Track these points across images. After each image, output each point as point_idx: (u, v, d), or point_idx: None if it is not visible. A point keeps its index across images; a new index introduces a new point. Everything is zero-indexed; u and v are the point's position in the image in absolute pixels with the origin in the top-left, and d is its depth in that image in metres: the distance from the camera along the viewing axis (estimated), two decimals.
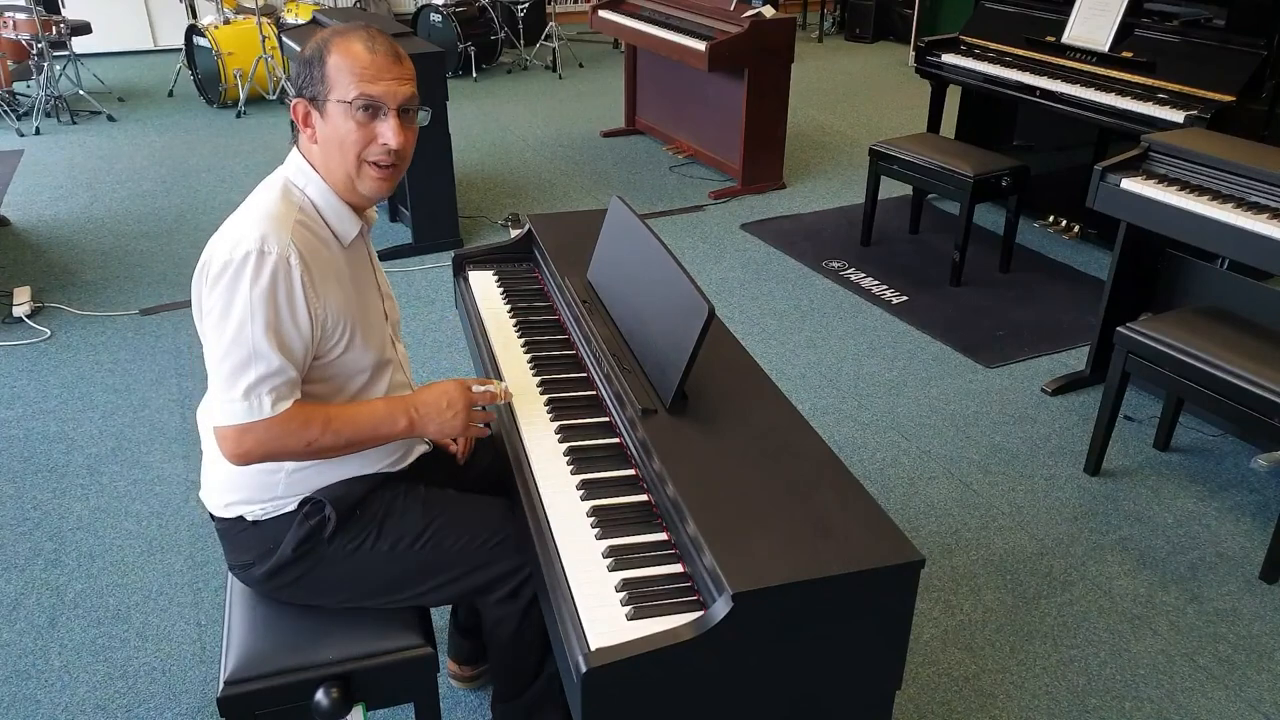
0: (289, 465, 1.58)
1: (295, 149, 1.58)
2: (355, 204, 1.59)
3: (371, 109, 1.48)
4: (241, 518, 1.61)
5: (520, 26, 7.75)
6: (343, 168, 1.52)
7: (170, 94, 6.87)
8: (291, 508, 1.60)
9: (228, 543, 1.66)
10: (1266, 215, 2.62)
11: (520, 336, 1.95)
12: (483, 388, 1.62)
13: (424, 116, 1.56)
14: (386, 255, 4.29)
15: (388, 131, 1.50)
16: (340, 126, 1.49)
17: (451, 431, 1.61)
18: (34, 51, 6.05)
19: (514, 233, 2.93)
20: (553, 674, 1.74)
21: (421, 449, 1.79)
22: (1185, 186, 2.83)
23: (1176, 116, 3.48)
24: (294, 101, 1.52)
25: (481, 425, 1.65)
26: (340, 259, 1.57)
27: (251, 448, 1.46)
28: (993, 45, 4.36)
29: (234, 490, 1.60)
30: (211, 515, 1.66)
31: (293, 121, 1.55)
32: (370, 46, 1.49)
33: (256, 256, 1.42)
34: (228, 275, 1.42)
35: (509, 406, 1.72)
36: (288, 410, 1.46)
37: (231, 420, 1.44)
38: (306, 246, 1.48)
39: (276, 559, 1.60)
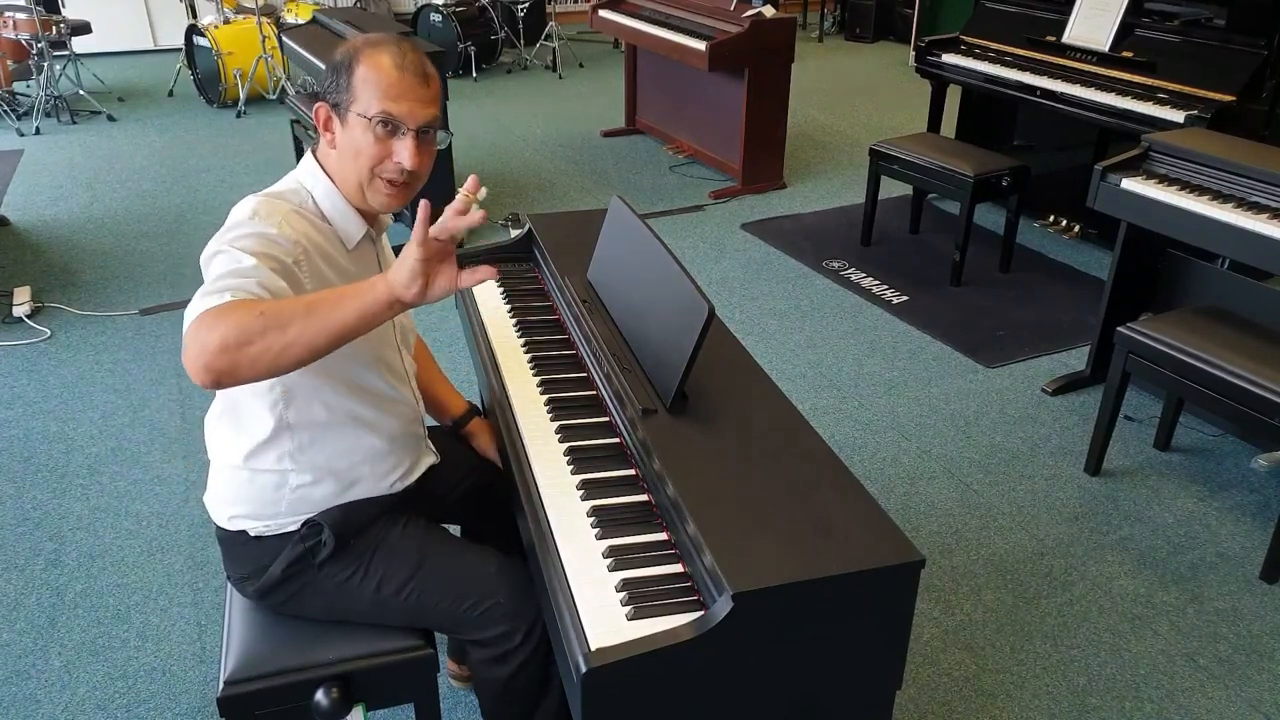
0: (293, 480, 1.56)
1: (310, 153, 1.57)
2: (366, 210, 1.58)
3: (391, 127, 1.46)
4: (244, 531, 1.61)
5: (520, 26, 7.75)
6: (356, 177, 1.51)
7: (170, 94, 6.87)
8: (293, 528, 1.59)
9: (226, 554, 1.66)
10: (1267, 215, 2.62)
11: (520, 336, 1.95)
12: (446, 231, 1.29)
13: (444, 138, 1.55)
14: None
15: (404, 151, 1.47)
16: (358, 138, 1.47)
17: (427, 267, 1.28)
18: (34, 51, 6.05)
19: (514, 233, 2.92)
20: None
21: (430, 460, 1.77)
22: (1185, 186, 2.83)
23: (1177, 116, 3.48)
24: (317, 105, 1.51)
25: (443, 240, 1.30)
26: (341, 261, 1.55)
27: (206, 339, 1.19)
28: (993, 45, 4.35)
29: (238, 504, 1.60)
30: (216, 526, 1.65)
31: (313, 127, 1.55)
32: (400, 63, 1.46)
33: (250, 217, 1.41)
34: (223, 236, 1.38)
35: (509, 406, 1.72)
36: (253, 301, 1.25)
37: (191, 314, 1.25)
38: (304, 234, 1.47)
39: (266, 578, 1.60)
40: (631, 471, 1.54)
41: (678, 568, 1.35)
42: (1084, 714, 2.12)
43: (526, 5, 7.63)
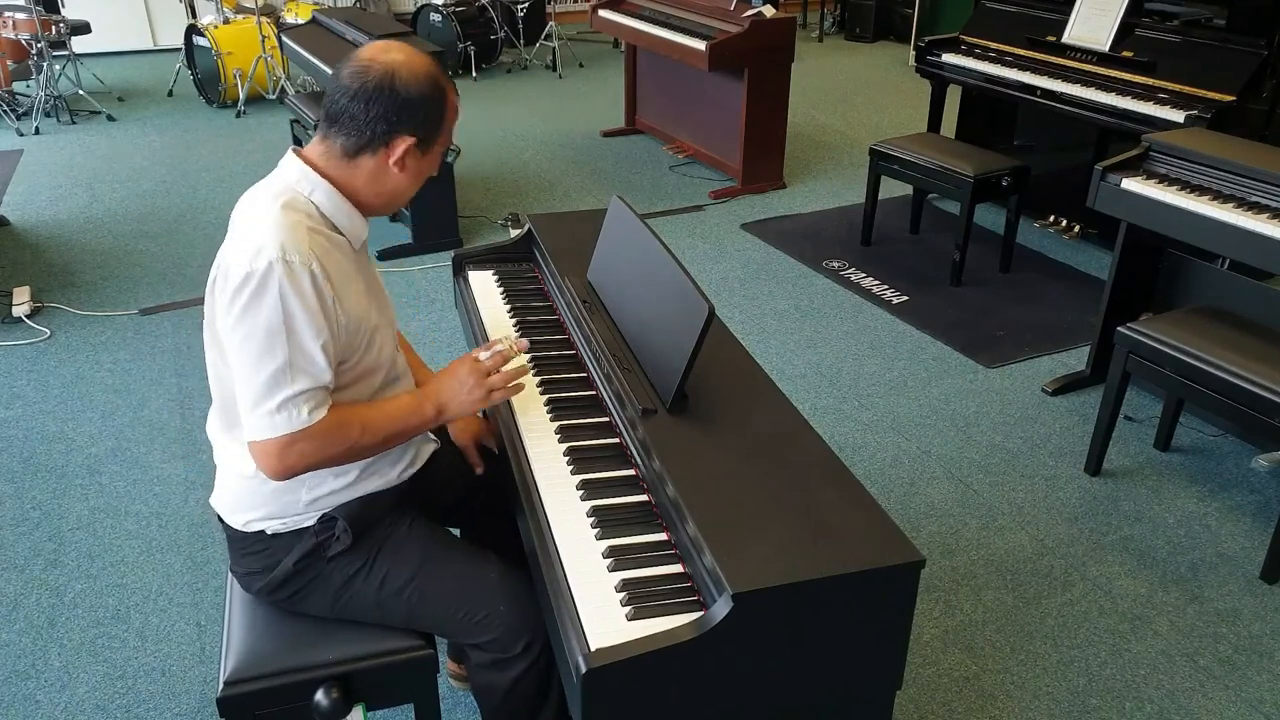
0: (309, 482, 1.57)
1: (293, 154, 1.54)
2: (372, 213, 1.59)
3: None
4: (262, 531, 1.61)
5: (520, 26, 7.74)
6: (408, 195, 1.59)
7: (170, 94, 6.87)
8: (309, 523, 1.60)
9: (238, 551, 1.65)
10: (1267, 215, 2.62)
11: (520, 337, 1.95)
12: (488, 352, 1.61)
13: None
14: (387, 255, 4.30)
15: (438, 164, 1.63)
16: (430, 168, 1.59)
17: (477, 405, 1.60)
18: (34, 51, 6.05)
19: (514, 233, 2.92)
20: None
21: (431, 448, 1.78)
22: (1185, 186, 2.83)
23: (1177, 116, 3.48)
24: (404, 140, 1.50)
25: (505, 388, 1.62)
26: (352, 261, 1.55)
27: (295, 461, 1.45)
28: (993, 45, 4.35)
29: (255, 508, 1.60)
30: (226, 525, 1.65)
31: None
32: (456, 92, 1.59)
33: (282, 265, 1.39)
34: (252, 285, 1.39)
35: (509, 405, 1.72)
36: (326, 418, 1.46)
37: (271, 433, 1.42)
38: (323, 253, 1.46)
39: (277, 573, 1.60)
40: (631, 471, 1.54)
41: (678, 568, 1.35)
42: (1084, 714, 2.12)
43: (526, 5, 7.63)
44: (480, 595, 1.60)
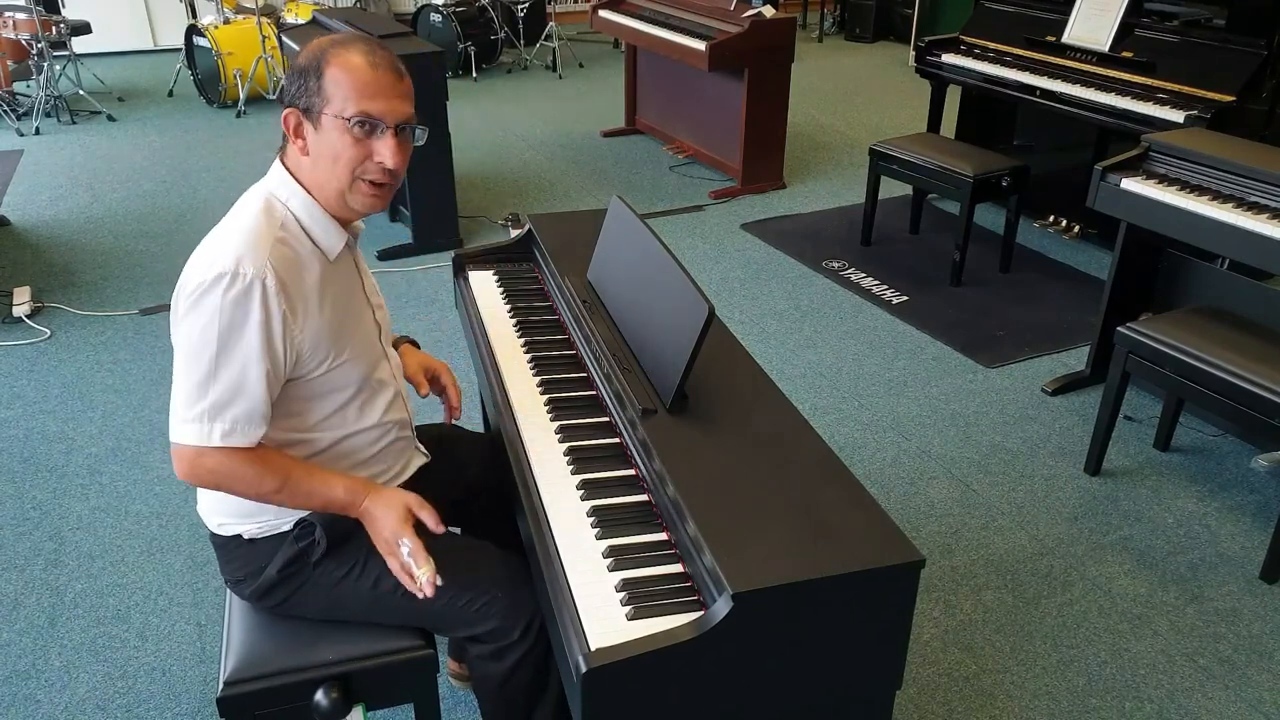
0: None
1: (278, 161, 1.54)
2: (343, 217, 1.55)
3: (369, 126, 1.44)
4: (238, 535, 1.61)
5: (520, 26, 7.75)
6: (335, 183, 1.48)
7: (170, 94, 6.87)
8: (287, 528, 1.59)
9: (222, 558, 1.66)
10: (1266, 215, 2.62)
11: (520, 336, 1.95)
12: (407, 558, 1.50)
13: (421, 135, 1.52)
14: (387, 255, 4.30)
15: (385, 151, 1.46)
16: (336, 143, 1.45)
17: (377, 544, 1.54)
18: (34, 51, 6.05)
19: (514, 233, 2.91)
20: None
21: (420, 461, 1.77)
22: (1185, 186, 2.83)
23: (1176, 116, 3.48)
24: (286, 112, 1.48)
25: (400, 568, 1.52)
26: (324, 274, 1.52)
27: (203, 475, 1.44)
28: (993, 45, 4.35)
29: (229, 512, 1.60)
30: (209, 531, 1.65)
31: (285, 133, 1.51)
32: (372, 61, 1.44)
33: (230, 279, 1.38)
34: (198, 294, 1.39)
35: (509, 406, 1.72)
36: (250, 452, 1.44)
37: (183, 440, 1.42)
38: (285, 266, 1.44)
39: (263, 579, 1.59)
40: (631, 471, 1.54)
41: (678, 568, 1.35)
42: (1084, 714, 2.12)
43: (526, 5, 7.63)
44: (479, 583, 1.60)
